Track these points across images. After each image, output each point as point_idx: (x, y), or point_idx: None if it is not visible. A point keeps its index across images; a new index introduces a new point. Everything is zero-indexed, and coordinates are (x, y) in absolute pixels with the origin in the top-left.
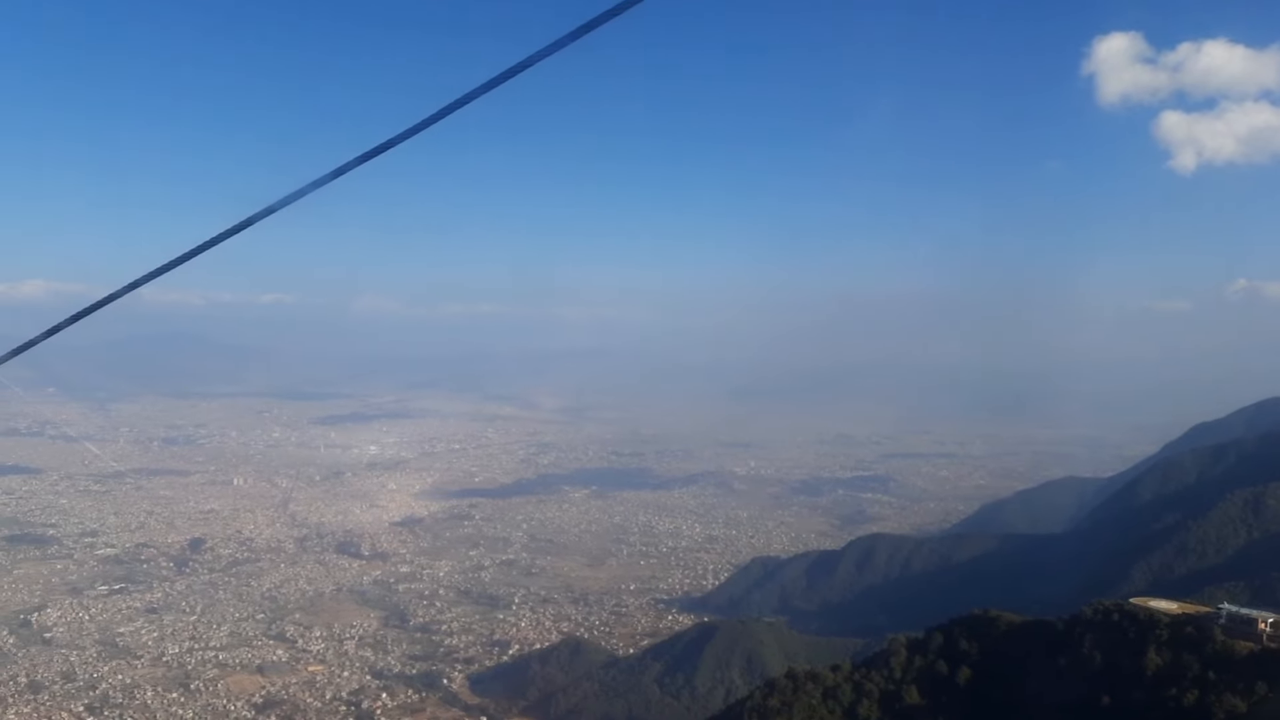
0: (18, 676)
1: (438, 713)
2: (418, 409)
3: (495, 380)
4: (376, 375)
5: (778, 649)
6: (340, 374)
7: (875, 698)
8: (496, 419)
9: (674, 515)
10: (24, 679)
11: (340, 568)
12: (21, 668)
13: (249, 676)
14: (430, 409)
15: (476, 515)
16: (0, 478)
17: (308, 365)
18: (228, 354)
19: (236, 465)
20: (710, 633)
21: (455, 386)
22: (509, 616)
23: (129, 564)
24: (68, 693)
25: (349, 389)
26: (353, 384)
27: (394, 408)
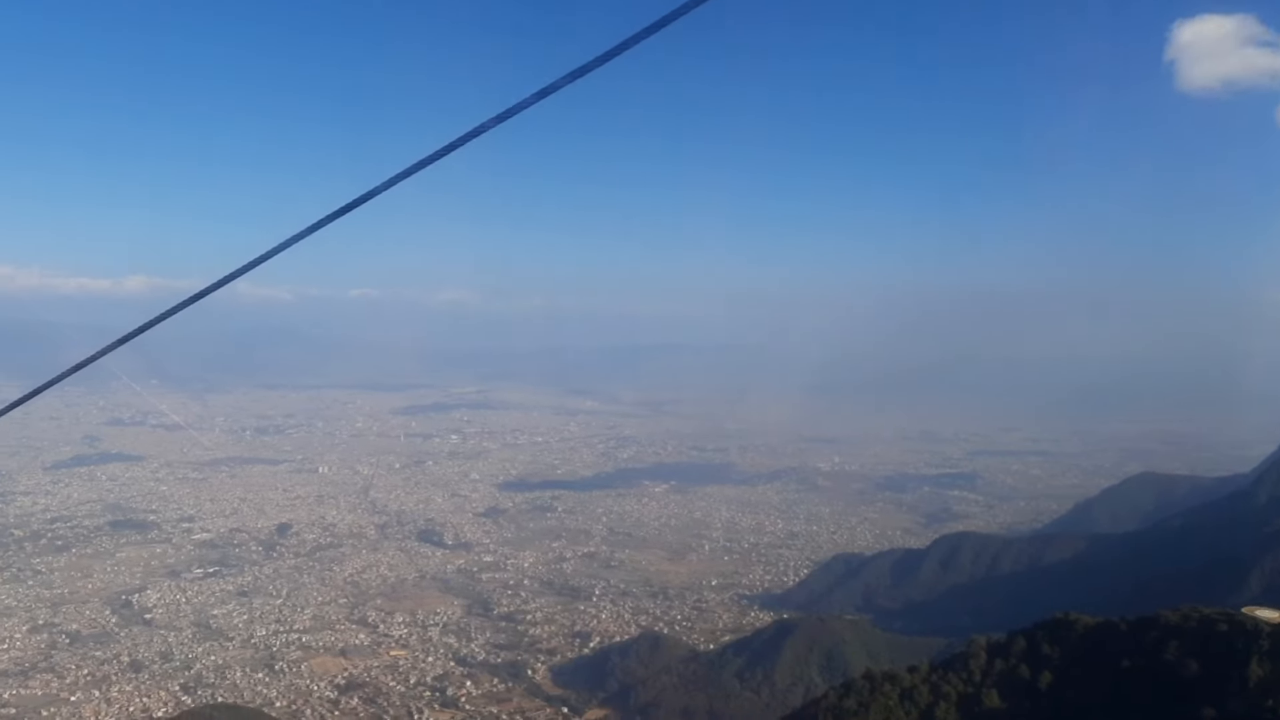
0: (120, 655)
1: (523, 703)
2: (499, 400)
3: (576, 373)
4: (458, 367)
5: (859, 647)
6: (422, 366)
7: (953, 700)
8: (578, 412)
9: (756, 511)
10: (126, 658)
11: (423, 555)
12: (124, 647)
13: (332, 659)
14: (511, 401)
15: (559, 507)
16: (105, 465)
17: (391, 357)
18: (316, 347)
19: (322, 454)
20: (790, 629)
21: (536, 379)
22: (590, 608)
23: (222, 548)
24: (165, 672)
25: (430, 380)
26: (434, 375)
27: (475, 399)
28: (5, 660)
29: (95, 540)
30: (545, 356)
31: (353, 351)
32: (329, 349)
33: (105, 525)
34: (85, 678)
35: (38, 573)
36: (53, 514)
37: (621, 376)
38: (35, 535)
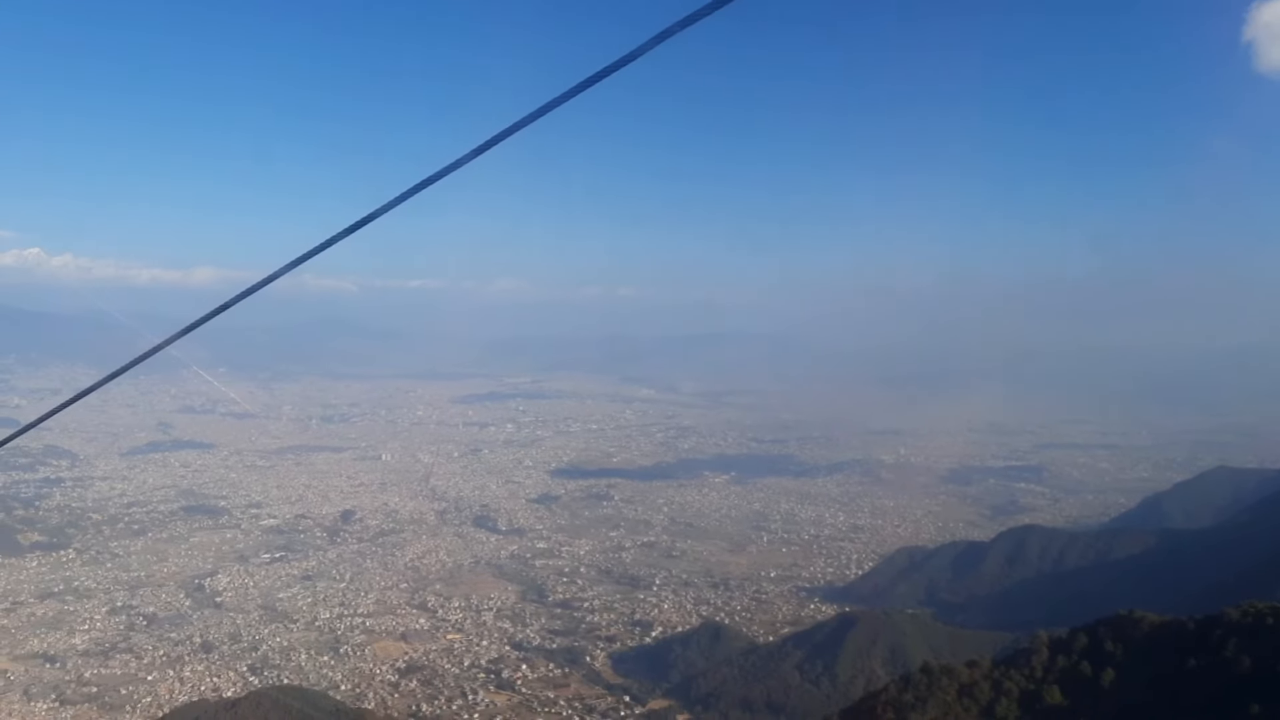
0: (193, 637)
1: (582, 689)
2: (554, 389)
3: (633, 363)
4: (514, 356)
5: (922, 641)
6: (480, 355)
7: (1014, 696)
8: (634, 401)
9: (817, 503)
10: (198, 639)
11: (478, 541)
12: (196, 629)
13: (393, 642)
14: (567, 390)
15: (615, 496)
16: (178, 452)
17: (450, 347)
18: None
19: (384, 442)
20: (851, 622)
21: (592, 368)
22: (650, 598)
23: (289, 534)
24: (234, 653)
25: (487, 369)
26: (491, 364)
27: (531, 388)
28: (87, 640)
29: (169, 525)
30: (601, 345)
31: (413, 341)
32: (391, 339)
33: (179, 510)
34: (160, 658)
35: (115, 556)
36: (129, 499)
37: (680, 366)
38: (113, 519)
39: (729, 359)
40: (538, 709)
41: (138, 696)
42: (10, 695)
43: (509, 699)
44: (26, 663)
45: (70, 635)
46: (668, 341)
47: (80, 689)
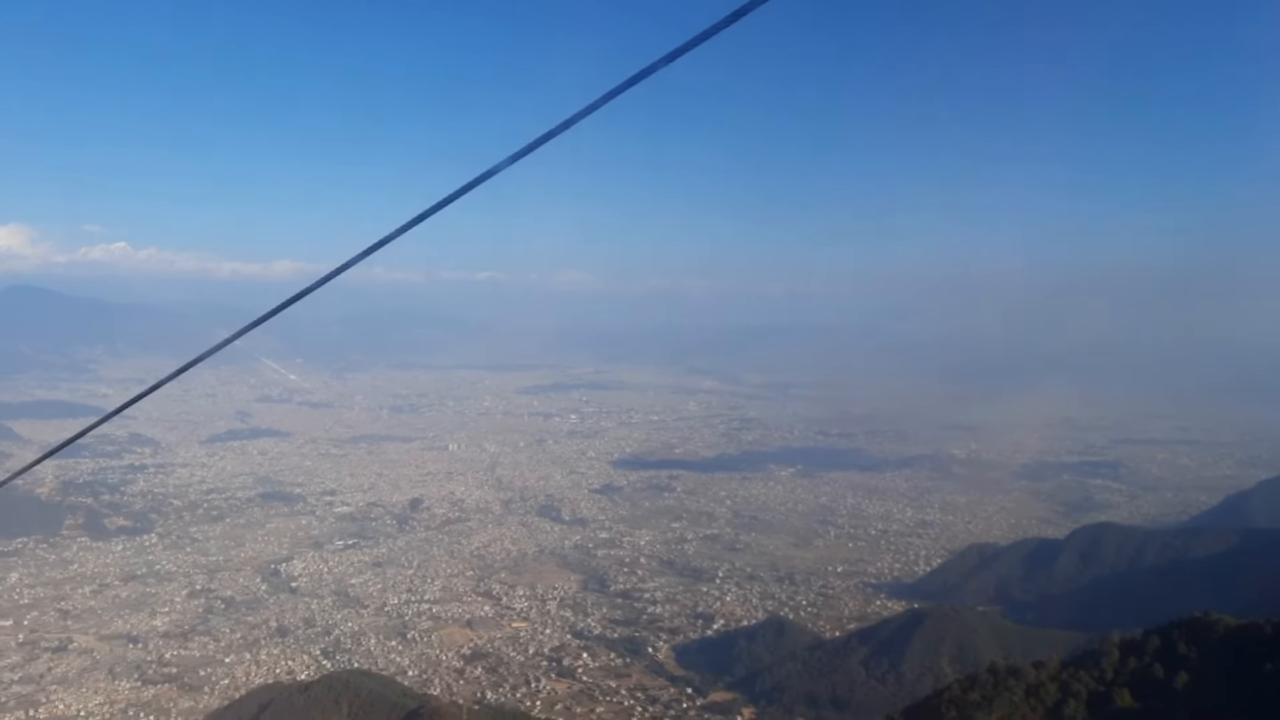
0: (269, 621)
1: (644, 680)
2: (617, 381)
3: (697, 354)
4: (578, 347)
5: (991, 639)
6: (545, 346)
7: (1083, 698)
8: (697, 392)
9: (885, 498)
10: (274, 623)
11: (542, 530)
12: (272, 613)
13: (459, 629)
14: (630, 381)
15: (678, 488)
16: (256, 440)
17: (516, 338)
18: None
19: (452, 432)
20: (919, 619)
21: (656, 359)
22: (713, 590)
23: (360, 521)
24: (308, 637)
25: (552, 360)
26: (556, 356)
27: (594, 379)
28: (167, 622)
29: (247, 511)
30: (665, 337)
31: (480, 332)
32: (459, 330)
33: (256, 497)
34: (237, 640)
35: (195, 541)
36: (208, 485)
37: (744, 357)
38: (193, 505)
39: (796, 351)
40: (599, 698)
41: (215, 678)
42: (96, 674)
43: (570, 687)
44: (111, 642)
45: (152, 617)
46: (732, 333)
47: (161, 669)
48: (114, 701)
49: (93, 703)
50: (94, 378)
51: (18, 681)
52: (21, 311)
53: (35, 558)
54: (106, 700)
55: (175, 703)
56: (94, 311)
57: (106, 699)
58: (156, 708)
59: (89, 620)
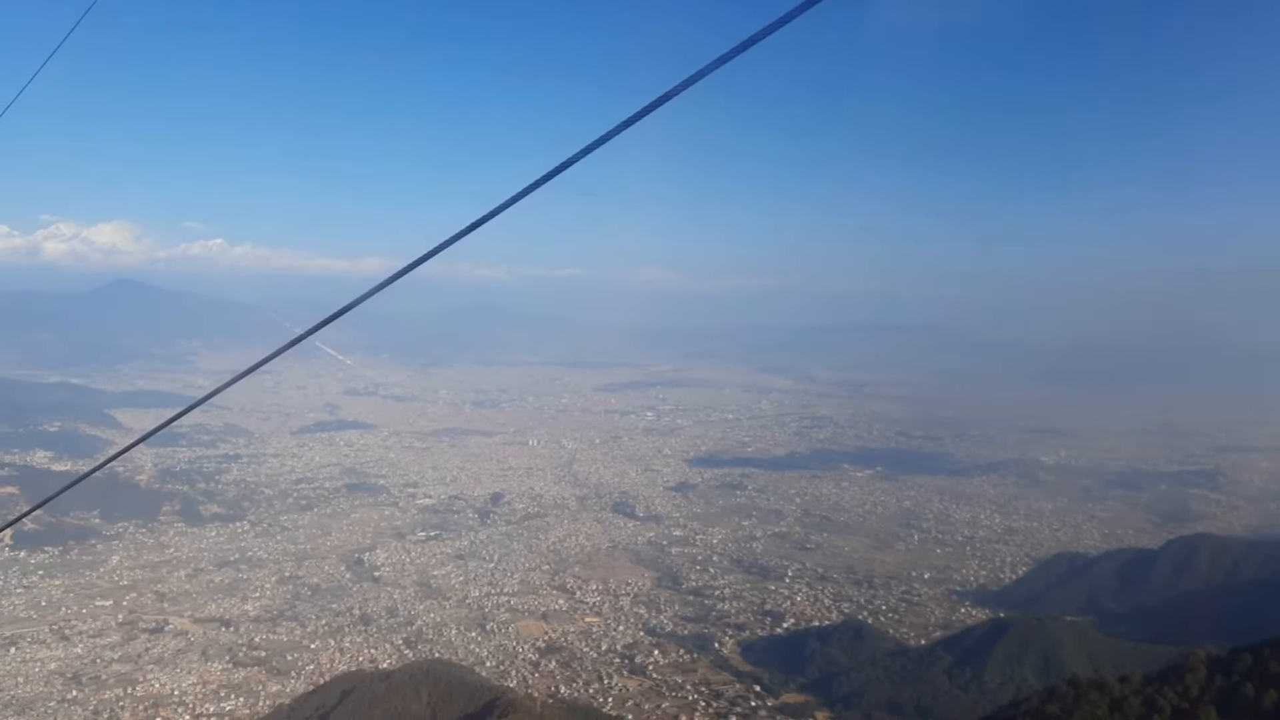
0: (352, 609)
1: (709, 675)
2: (693, 378)
3: (772, 352)
4: (656, 345)
5: (1079, 651)
6: (623, 343)
7: (1166, 714)
8: (771, 390)
9: (971, 503)
10: (357, 611)
11: (617, 526)
12: (355, 601)
13: (535, 622)
14: (706, 379)
15: (749, 486)
16: (342, 432)
17: (595, 335)
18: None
19: (531, 428)
20: (1003, 628)
21: (731, 357)
22: (781, 589)
23: (442, 513)
24: (390, 626)
25: (629, 358)
26: (634, 353)
27: (671, 377)
28: (258, 607)
29: (333, 501)
30: (741, 335)
31: (560, 329)
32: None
33: (342, 488)
34: (323, 627)
35: (284, 529)
36: (297, 475)
37: (820, 355)
38: (283, 494)
39: (879, 350)
40: (666, 694)
41: (302, 663)
42: (190, 655)
43: (640, 684)
44: (205, 625)
45: (243, 601)
46: (811, 331)
47: (251, 653)
48: (206, 683)
49: (186, 683)
50: (191, 369)
51: (117, 660)
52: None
53: (135, 541)
54: (199, 681)
55: (264, 686)
56: (192, 305)
57: (199, 680)
58: (246, 690)
59: (184, 603)
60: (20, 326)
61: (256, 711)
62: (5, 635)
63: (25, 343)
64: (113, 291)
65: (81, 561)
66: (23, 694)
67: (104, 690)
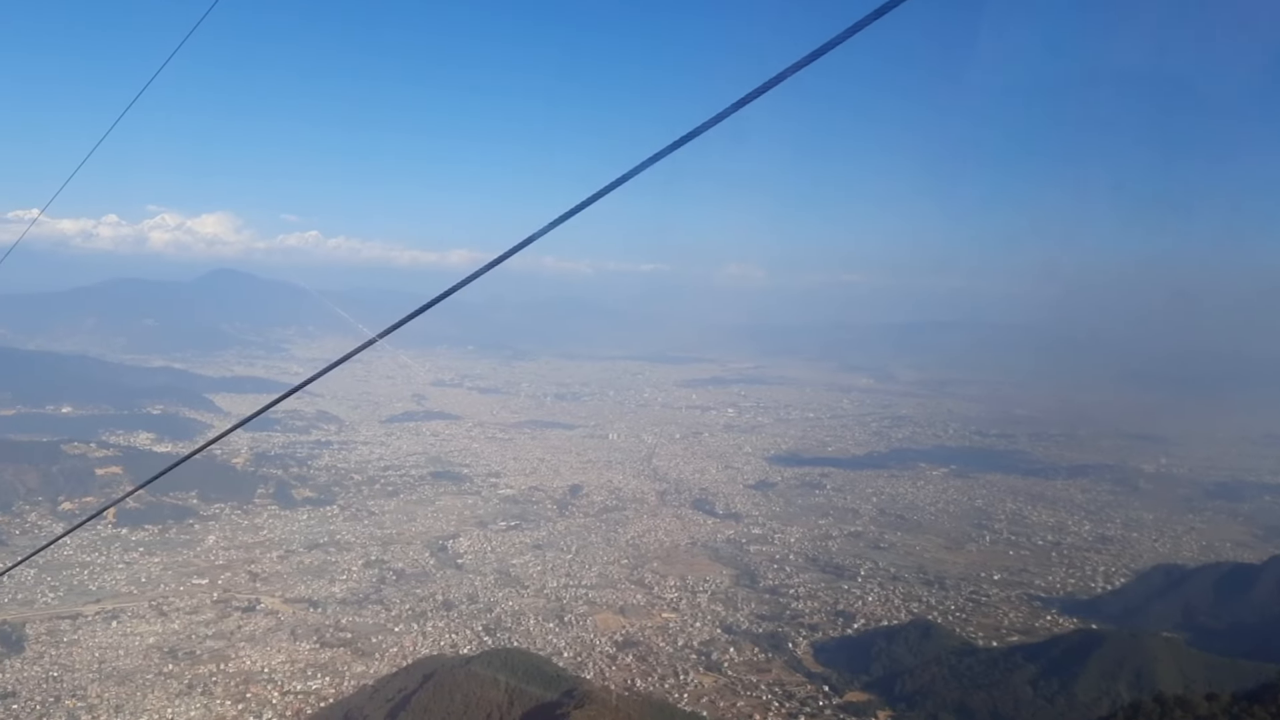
0: (435, 594)
1: (783, 675)
2: (775, 376)
3: (853, 350)
4: (738, 341)
5: (1174, 668)
6: (705, 339)
7: None
8: (852, 389)
9: (1052, 507)
10: (440, 597)
11: (695, 523)
12: (439, 587)
13: (612, 616)
14: (787, 376)
15: (828, 485)
16: (428, 422)
17: (677, 330)
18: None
19: (612, 422)
20: (1096, 641)
21: (813, 355)
22: (855, 589)
23: (523, 504)
24: (471, 613)
25: (712, 354)
26: (715, 349)
27: (753, 374)
28: (344, 589)
29: (419, 488)
30: (823, 332)
31: (643, 324)
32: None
33: (427, 476)
34: (406, 611)
35: (372, 514)
36: (385, 462)
37: (902, 354)
38: (371, 480)
39: (959, 348)
40: (740, 692)
41: (385, 646)
42: (279, 634)
43: (716, 681)
44: (294, 606)
45: (331, 584)
46: (892, 329)
47: (337, 634)
48: (294, 661)
49: (275, 661)
50: (287, 356)
51: (211, 637)
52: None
53: (230, 522)
54: (288, 660)
55: (349, 666)
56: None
57: (288, 658)
58: (332, 670)
59: (275, 583)
60: (128, 313)
61: (341, 691)
62: (108, 609)
63: (132, 328)
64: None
65: (180, 540)
66: (123, 666)
67: (198, 665)
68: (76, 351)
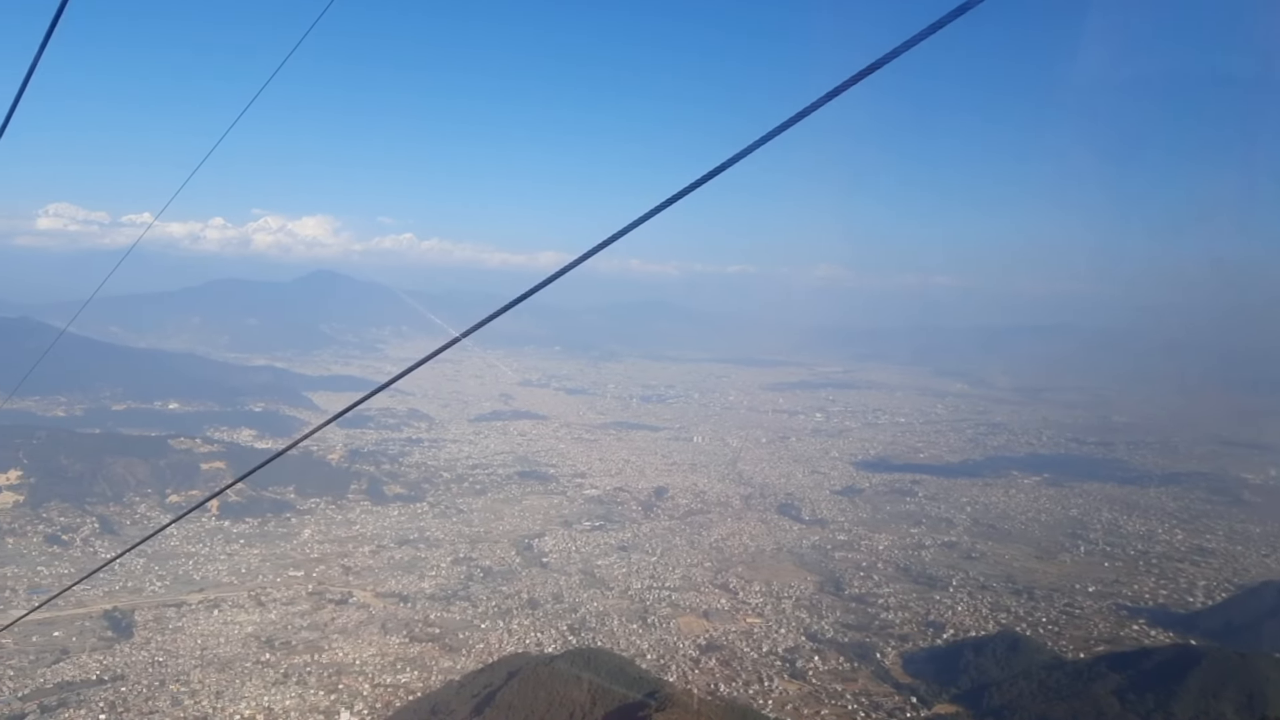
0: (521, 592)
1: (869, 685)
2: (864, 380)
3: (946, 354)
4: (826, 344)
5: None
6: (792, 342)
7: None
8: (946, 395)
9: (1148, 516)
10: (525, 595)
11: (781, 528)
12: (524, 585)
13: (695, 619)
14: (877, 381)
15: (919, 492)
16: (516, 421)
17: (764, 332)
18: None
19: (697, 424)
20: (1194, 657)
21: (904, 359)
22: (945, 599)
23: (607, 505)
24: (556, 612)
25: (799, 357)
26: (803, 352)
27: (841, 378)
28: (433, 585)
29: (506, 487)
30: (915, 336)
31: (729, 326)
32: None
33: (514, 475)
34: (493, 608)
35: (460, 512)
36: (473, 461)
37: (996, 359)
38: (460, 478)
39: (1055, 353)
40: (825, 700)
41: (472, 642)
42: (371, 627)
43: (800, 689)
44: (385, 600)
45: (420, 579)
46: (985, 333)
47: (426, 629)
48: (385, 654)
49: (366, 653)
50: (381, 356)
51: (306, 628)
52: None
53: (325, 517)
54: (379, 653)
55: (437, 661)
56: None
57: (379, 651)
58: (420, 664)
59: (367, 577)
60: (232, 312)
61: (429, 685)
62: (210, 598)
63: (236, 327)
64: (313, 281)
65: (278, 533)
66: (223, 653)
67: (293, 655)
68: (184, 350)
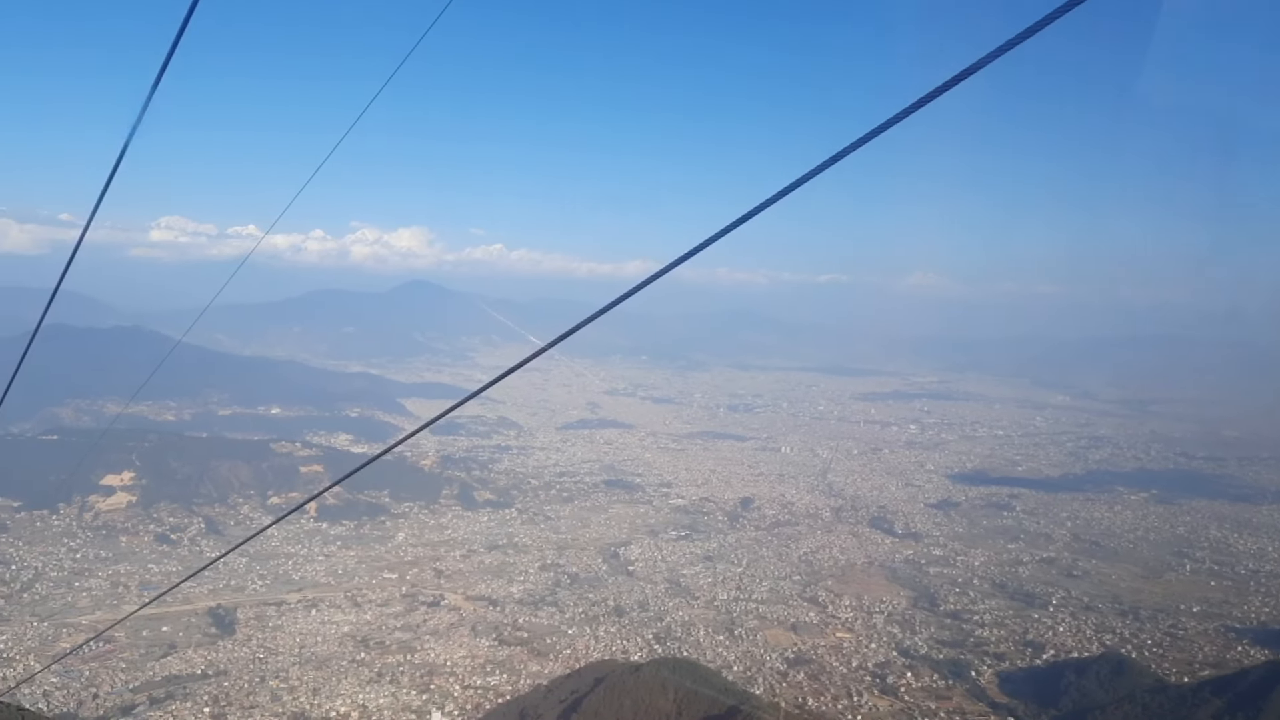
0: (607, 600)
1: (964, 704)
2: (961, 391)
3: (1047, 366)
4: (921, 354)
5: None
6: (885, 351)
7: None
8: (1046, 407)
9: (1259, 534)
10: (611, 603)
11: (873, 541)
12: (610, 592)
13: (783, 632)
14: (975, 392)
15: (1017, 507)
16: (602, 430)
17: (855, 342)
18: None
19: (785, 434)
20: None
21: (1002, 369)
22: (1045, 618)
23: (693, 514)
24: (641, 620)
25: (892, 367)
26: (897, 362)
27: (937, 388)
28: (522, 590)
29: (592, 495)
30: (1014, 345)
31: (819, 336)
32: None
33: (600, 483)
34: (579, 615)
35: (548, 519)
36: (561, 469)
37: (1099, 370)
38: (547, 486)
39: (1162, 365)
40: (918, 718)
41: (559, 647)
42: (461, 630)
43: (891, 705)
44: (475, 603)
45: (509, 584)
46: (1089, 343)
47: (514, 633)
48: (474, 657)
49: (457, 655)
50: (472, 364)
51: (399, 629)
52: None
53: (418, 521)
54: (469, 655)
55: (525, 665)
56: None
57: (469, 653)
58: (509, 667)
59: (458, 581)
60: (331, 320)
61: (517, 689)
62: (308, 598)
63: (334, 335)
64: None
65: (373, 536)
66: (320, 652)
67: (387, 655)
68: (285, 357)
